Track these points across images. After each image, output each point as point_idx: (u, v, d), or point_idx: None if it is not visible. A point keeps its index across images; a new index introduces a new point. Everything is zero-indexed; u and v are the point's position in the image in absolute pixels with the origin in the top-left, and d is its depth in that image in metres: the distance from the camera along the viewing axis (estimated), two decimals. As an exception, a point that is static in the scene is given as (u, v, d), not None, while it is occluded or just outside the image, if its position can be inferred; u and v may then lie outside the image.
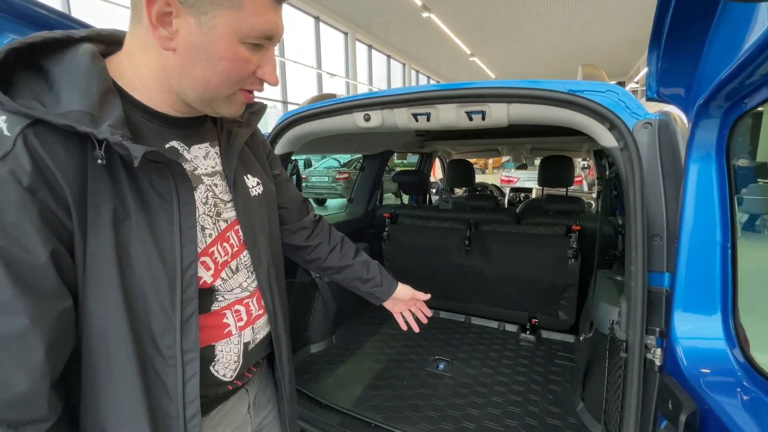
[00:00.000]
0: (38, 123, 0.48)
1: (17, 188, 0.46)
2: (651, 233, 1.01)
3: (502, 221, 2.37)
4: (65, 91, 0.50)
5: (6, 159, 0.45)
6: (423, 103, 1.28)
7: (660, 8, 0.69)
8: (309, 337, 2.11)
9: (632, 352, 1.01)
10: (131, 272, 0.55)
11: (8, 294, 0.46)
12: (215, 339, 0.67)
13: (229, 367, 0.70)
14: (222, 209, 0.69)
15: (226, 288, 0.69)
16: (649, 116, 1.06)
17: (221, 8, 0.52)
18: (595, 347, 1.53)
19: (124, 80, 0.57)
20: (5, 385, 0.47)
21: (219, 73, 0.56)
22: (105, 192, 0.52)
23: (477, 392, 1.73)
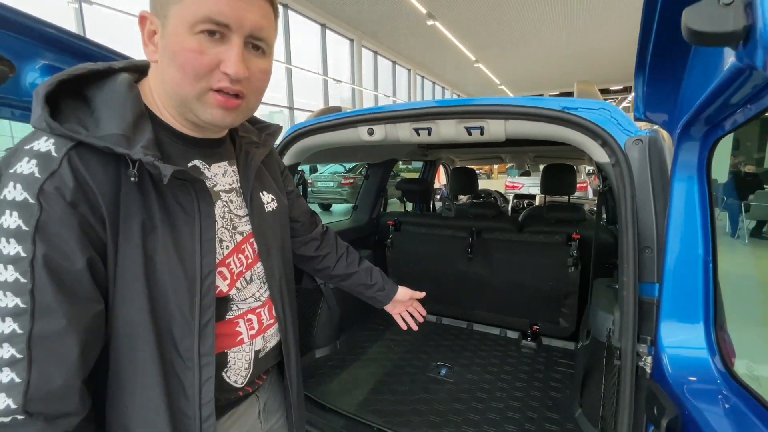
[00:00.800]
0: (81, 145, 0.54)
1: (61, 203, 0.51)
2: (642, 245, 1.05)
3: (503, 229, 2.42)
4: (104, 116, 0.57)
5: (53, 177, 0.51)
6: (424, 119, 1.34)
7: (642, 39, 0.75)
8: (314, 342, 2.17)
9: (625, 359, 1.04)
10: (156, 280, 0.60)
11: (50, 297, 0.51)
12: (228, 346, 0.71)
13: (240, 373, 0.74)
14: (237, 223, 0.74)
15: (240, 297, 0.73)
16: (640, 133, 1.10)
17: (171, 5, 0.56)
18: (593, 354, 1.57)
19: (154, 105, 0.64)
20: (44, 380, 0.51)
21: (177, 68, 0.57)
22: (135, 206, 0.58)
23: (478, 398, 1.77)
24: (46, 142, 0.53)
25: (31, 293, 0.50)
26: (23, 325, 0.50)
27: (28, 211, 0.50)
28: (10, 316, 0.50)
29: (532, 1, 9.97)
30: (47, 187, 0.51)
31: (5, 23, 0.87)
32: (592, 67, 16.39)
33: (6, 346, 0.49)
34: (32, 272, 0.50)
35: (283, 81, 10.25)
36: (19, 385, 0.49)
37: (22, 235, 0.50)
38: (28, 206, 0.50)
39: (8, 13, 0.86)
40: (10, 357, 0.49)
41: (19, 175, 0.51)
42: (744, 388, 0.71)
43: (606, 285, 1.84)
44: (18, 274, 0.50)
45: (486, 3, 10.12)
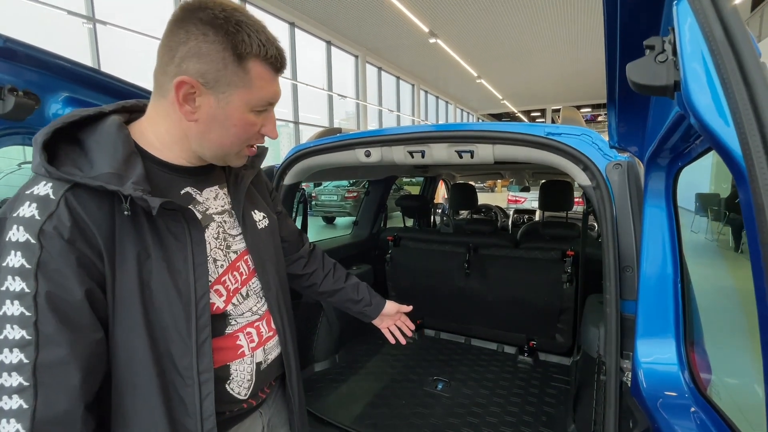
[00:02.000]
0: (77, 186, 0.59)
1: (60, 241, 0.56)
2: (623, 264, 1.10)
3: (500, 245, 2.47)
4: (97, 157, 0.62)
5: (51, 218, 0.56)
6: (417, 142, 1.42)
7: (609, 78, 0.82)
8: (313, 355, 2.21)
9: (609, 375, 1.09)
10: (152, 305, 0.63)
11: (52, 328, 0.55)
12: (230, 359, 0.75)
13: (243, 385, 0.77)
14: (231, 242, 0.78)
15: (237, 312, 0.77)
16: (620, 158, 1.17)
17: (235, 87, 0.64)
18: (585, 370, 1.60)
19: (145, 141, 0.69)
20: (49, 405, 0.54)
21: (232, 136, 0.68)
22: (130, 237, 0.62)
23: (473, 412, 1.80)
24: (44, 186, 0.58)
25: (35, 325, 0.54)
26: (29, 355, 0.54)
27: (29, 250, 0.55)
28: (17, 347, 0.54)
29: (532, 18, 10.18)
30: (46, 227, 0.56)
31: (32, 60, 0.97)
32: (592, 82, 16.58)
33: (14, 374, 0.54)
34: (35, 306, 0.55)
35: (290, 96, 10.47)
36: (27, 410, 0.53)
37: (26, 273, 0.55)
38: (29, 246, 0.55)
39: (34, 51, 0.95)
40: (18, 385, 0.53)
41: (22, 218, 0.56)
42: (709, 404, 0.76)
43: (599, 301, 1.88)
44: (23, 308, 0.54)
45: (487, 21, 10.35)
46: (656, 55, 0.53)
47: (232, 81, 0.63)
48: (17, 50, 0.92)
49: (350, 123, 13.55)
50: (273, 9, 9.23)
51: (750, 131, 0.41)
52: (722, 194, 6.88)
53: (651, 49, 0.54)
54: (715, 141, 0.45)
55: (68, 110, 1.07)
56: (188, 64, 0.61)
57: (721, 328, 2.94)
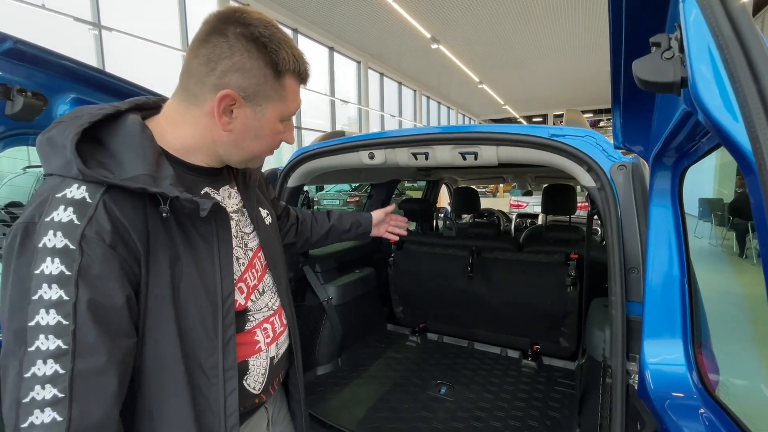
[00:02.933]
0: (111, 188, 0.57)
1: (102, 246, 0.55)
2: (628, 266, 1.10)
3: (503, 248, 2.46)
4: (127, 159, 0.60)
5: (91, 222, 0.54)
6: (421, 144, 1.42)
7: (613, 78, 0.82)
8: (316, 359, 2.20)
9: (615, 377, 1.08)
10: (181, 305, 0.63)
11: (92, 336, 0.53)
12: (248, 354, 0.77)
13: (258, 380, 0.79)
14: (247, 240, 0.80)
15: (256, 308, 0.79)
16: (624, 159, 1.17)
17: (271, 101, 0.67)
18: (590, 373, 1.59)
19: (165, 142, 0.68)
20: (84, 416, 0.52)
21: (263, 145, 0.73)
22: (162, 240, 0.62)
23: (476, 416, 1.79)
24: (78, 189, 0.56)
25: (73, 334, 0.52)
26: (65, 365, 0.52)
27: (69, 257, 0.53)
28: (51, 357, 0.51)
29: (534, 24, 10.23)
30: (88, 232, 0.54)
31: (40, 62, 0.98)
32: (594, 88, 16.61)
33: (48, 386, 0.51)
34: (74, 314, 0.52)
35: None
36: (60, 423, 0.51)
37: (65, 280, 0.52)
38: (69, 252, 0.53)
39: (42, 53, 0.96)
40: (52, 397, 0.51)
41: (57, 223, 0.53)
42: (718, 404, 0.75)
43: (603, 304, 1.87)
44: (60, 317, 0.52)
45: (489, 26, 10.41)
46: (663, 52, 0.54)
47: (270, 95, 0.66)
48: (26, 52, 0.93)
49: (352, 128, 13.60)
50: (276, 15, 9.31)
51: (760, 126, 0.41)
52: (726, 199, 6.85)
53: (657, 47, 0.54)
54: (724, 137, 0.45)
55: (75, 111, 1.08)
56: (231, 78, 0.62)
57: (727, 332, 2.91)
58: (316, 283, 2.21)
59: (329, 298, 2.22)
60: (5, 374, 0.52)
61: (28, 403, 0.50)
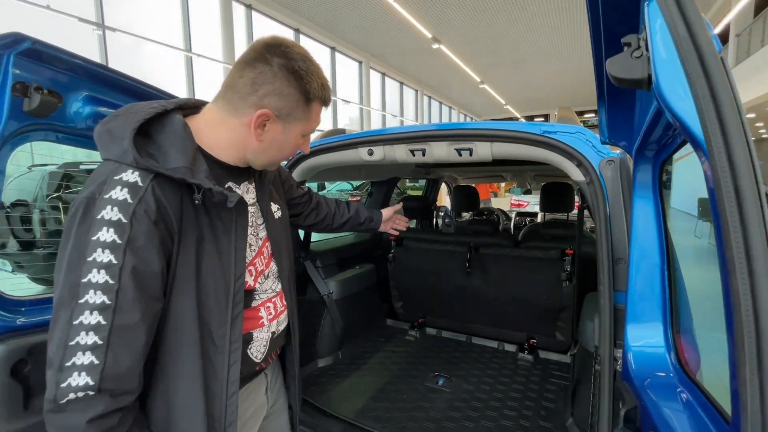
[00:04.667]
0: (158, 175, 0.68)
1: (148, 222, 0.66)
2: (616, 257, 1.14)
3: (501, 245, 2.51)
4: (171, 152, 0.71)
5: (141, 202, 0.66)
6: (418, 141, 1.47)
7: (597, 73, 0.87)
8: (317, 351, 2.25)
9: (603, 363, 1.12)
10: (201, 280, 0.74)
11: (130, 296, 0.64)
12: (253, 327, 0.89)
13: (260, 350, 0.91)
14: (258, 230, 0.92)
15: (261, 290, 0.91)
16: (612, 155, 1.22)
17: (299, 121, 0.81)
18: (582, 363, 1.64)
19: (201, 139, 0.78)
20: (116, 363, 0.63)
21: (285, 154, 0.86)
22: (192, 223, 0.73)
23: (473, 407, 1.84)
24: (132, 174, 0.67)
25: (117, 292, 0.63)
26: (106, 318, 0.62)
27: (121, 228, 0.64)
28: (96, 310, 0.62)
29: (535, 24, 10.27)
30: (138, 210, 0.65)
31: (56, 61, 1.03)
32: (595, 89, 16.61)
33: (91, 334, 0.61)
34: (120, 276, 0.63)
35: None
36: (97, 366, 0.61)
37: (116, 247, 0.63)
38: (121, 225, 0.64)
39: (58, 52, 1.02)
40: (93, 343, 0.61)
41: (115, 200, 0.65)
42: (695, 384, 0.80)
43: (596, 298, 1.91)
44: (108, 277, 0.62)
45: (490, 27, 10.45)
46: (632, 51, 0.59)
47: (299, 116, 0.80)
48: (43, 51, 0.99)
49: (354, 128, 13.65)
50: (278, 15, 9.38)
51: (709, 116, 0.46)
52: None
53: (628, 46, 0.60)
54: (682, 126, 0.50)
55: (88, 108, 1.13)
56: (270, 100, 0.75)
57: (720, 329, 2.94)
58: (317, 277, 2.27)
59: (330, 293, 2.27)
60: (56, 321, 0.63)
61: (74, 345, 0.61)
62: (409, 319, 2.82)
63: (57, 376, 0.60)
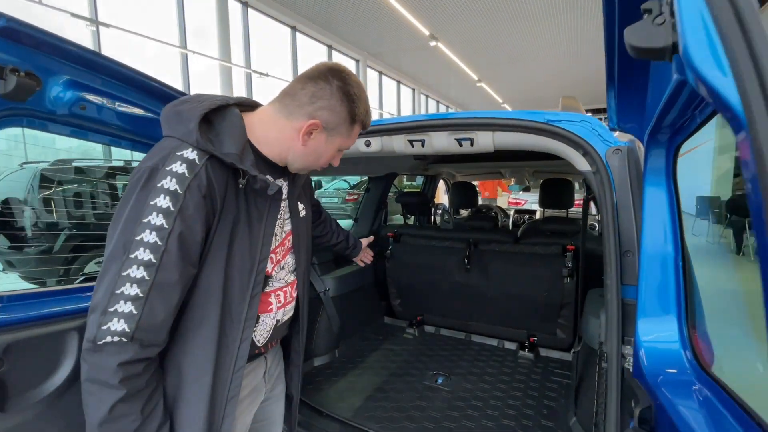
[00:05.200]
0: (212, 157, 0.76)
1: (198, 195, 0.74)
2: (623, 249, 1.10)
3: (500, 241, 2.46)
4: (226, 139, 0.80)
5: (196, 177, 0.74)
6: (417, 131, 1.42)
7: (608, 56, 0.82)
8: (313, 350, 2.20)
9: (611, 361, 1.08)
10: (231, 257, 0.82)
11: (174, 258, 0.71)
12: (262, 311, 0.95)
13: (263, 334, 0.97)
14: (284, 223, 0.99)
15: (276, 278, 0.98)
16: (619, 143, 1.17)
17: (340, 135, 0.91)
18: (586, 361, 1.59)
19: (251, 133, 0.87)
20: (152, 315, 0.70)
21: (320, 163, 0.94)
22: (232, 204, 0.81)
23: (473, 405, 1.79)
24: (192, 153, 0.75)
25: (162, 253, 0.70)
26: (150, 274, 0.70)
27: (176, 198, 0.72)
28: (143, 266, 0.69)
29: (533, 21, 10.24)
30: (192, 184, 0.73)
31: (34, 42, 0.97)
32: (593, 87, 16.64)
33: (135, 286, 0.69)
34: (167, 239, 0.70)
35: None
36: (135, 315, 0.68)
37: (168, 213, 0.71)
38: (176, 195, 0.72)
39: (36, 32, 0.96)
40: (135, 295, 0.69)
41: (174, 172, 0.73)
42: (713, 380, 0.75)
43: (600, 294, 1.87)
44: (158, 238, 0.70)
45: (487, 24, 10.41)
46: (654, 18, 0.54)
47: (342, 132, 0.90)
48: (20, 31, 0.93)
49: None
50: (274, 13, 9.29)
51: (749, 82, 0.41)
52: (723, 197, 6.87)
53: (649, 13, 0.55)
54: (715, 95, 0.45)
55: (70, 93, 1.07)
56: (322, 113, 0.85)
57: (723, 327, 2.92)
58: (313, 274, 2.21)
59: (326, 290, 2.22)
60: (106, 272, 0.70)
61: (119, 294, 0.68)
62: (407, 317, 2.77)
63: (100, 319, 0.67)
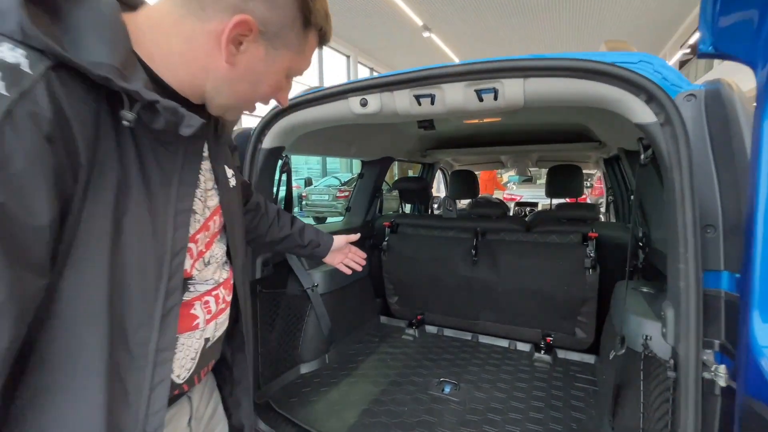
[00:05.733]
0: (60, 67, 0.41)
1: (36, 136, 0.38)
2: (703, 223, 0.85)
3: (510, 229, 2.20)
4: (88, 40, 0.44)
5: (25, 99, 0.38)
6: (427, 83, 1.14)
7: None
8: (299, 355, 1.91)
9: (685, 370, 0.84)
10: (120, 250, 0.48)
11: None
12: (182, 331, 0.60)
13: (185, 366, 0.62)
14: (206, 196, 0.64)
15: (200, 278, 0.64)
16: (693, 87, 0.91)
17: (289, 50, 0.58)
18: (627, 367, 1.33)
19: (140, 46, 0.51)
20: None
21: (257, 94, 0.61)
22: (113, 157, 0.47)
23: (489, 420, 1.52)
24: (12, 51, 0.38)
25: None
26: None
27: None
28: None
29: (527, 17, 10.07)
30: (18, 110, 0.37)
31: None
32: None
33: None
34: None
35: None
36: None
37: None
38: None
39: None
40: None
41: None
42: None
43: (632, 288, 1.62)
44: None
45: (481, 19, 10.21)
46: None
47: (291, 43, 0.58)
48: None
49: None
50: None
51: None
52: None
53: None
54: None
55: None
56: (257, 5, 0.52)
57: None
58: (299, 267, 1.91)
59: (314, 285, 1.93)
60: None
61: None
62: (406, 316, 2.49)
63: None
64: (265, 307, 1.67)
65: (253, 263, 1.54)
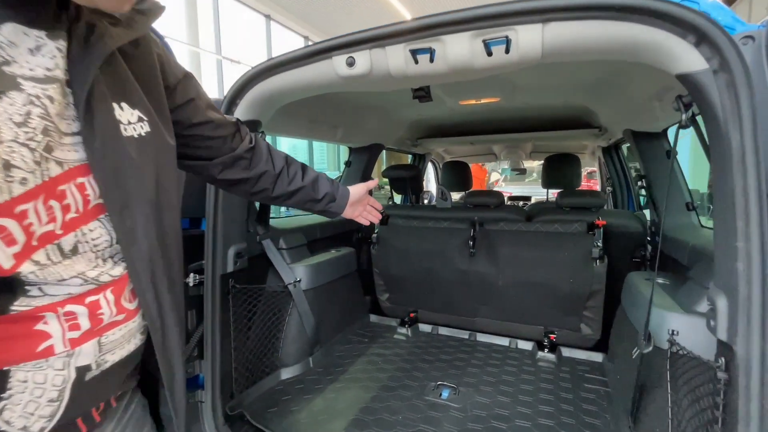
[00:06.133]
0: None
1: None
2: None
3: (510, 219, 2.05)
4: None
5: None
6: (426, 33, 0.96)
7: None
8: (279, 359, 1.71)
9: (745, 371, 0.71)
10: None
11: None
12: (12, 360, 0.41)
13: (38, 411, 0.43)
14: (56, 143, 0.43)
15: (51, 278, 0.43)
16: (750, 28, 0.75)
17: None
18: (650, 366, 1.18)
19: None
20: None
21: None
22: None
23: (493, 428, 1.35)
24: None
25: None
26: None
27: None
28: None
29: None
30: None
31: None
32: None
33: None
34: None
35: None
36: None
37: None
38: None
39: None
40: None
41: None
42: None
43: (645, 278, 1.47)
44: None
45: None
46: None
47: None
48: None
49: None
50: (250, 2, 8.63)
51: None
52: None
53: None
54: None
55: None
56: None
57: None
58: (279, 261, 1.72)
59: (297, 281, 1.73)
60: None
61: None
62: (398, 314, 2.32)
63: None
64: (239, 305, 1.47)
65: (224, 254, 1.34)
